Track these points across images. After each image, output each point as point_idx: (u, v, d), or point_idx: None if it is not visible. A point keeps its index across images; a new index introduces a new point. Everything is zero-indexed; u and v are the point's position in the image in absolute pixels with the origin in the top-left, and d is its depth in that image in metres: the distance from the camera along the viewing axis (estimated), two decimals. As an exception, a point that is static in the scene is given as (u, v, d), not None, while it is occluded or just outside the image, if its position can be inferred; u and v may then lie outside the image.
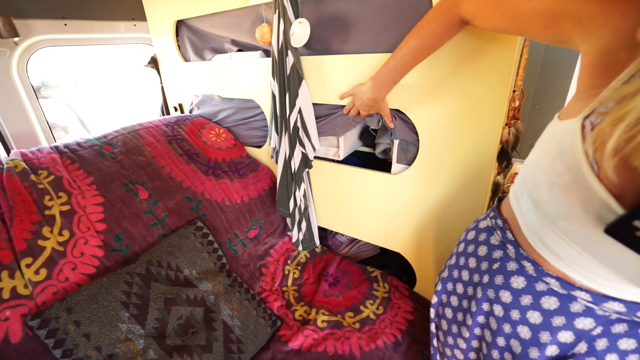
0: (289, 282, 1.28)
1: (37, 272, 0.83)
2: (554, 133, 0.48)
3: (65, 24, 1.43)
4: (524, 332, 0.55)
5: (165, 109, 1.81)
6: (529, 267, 0.54)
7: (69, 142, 1.16)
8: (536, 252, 0.53)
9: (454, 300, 0.70)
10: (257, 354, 1.03)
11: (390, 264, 1.49)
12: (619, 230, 0.38)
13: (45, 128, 1.48)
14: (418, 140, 0.98)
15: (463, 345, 0.68)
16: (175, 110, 1.71)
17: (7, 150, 1.37)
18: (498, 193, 1.01)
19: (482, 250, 0.64)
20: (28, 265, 0.83)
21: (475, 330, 0.64)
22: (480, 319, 0.63)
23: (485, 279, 0.61)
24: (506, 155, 0.93)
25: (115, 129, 1.27)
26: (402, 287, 1.25)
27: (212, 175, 1.26)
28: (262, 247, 1.30)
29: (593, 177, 0.40)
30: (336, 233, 1.55)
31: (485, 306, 0.61)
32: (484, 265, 0.62)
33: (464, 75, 0.83)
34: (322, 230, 1.51)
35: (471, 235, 0.69)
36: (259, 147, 1.44)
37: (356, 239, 1.53)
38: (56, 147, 1.11)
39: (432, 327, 0.79)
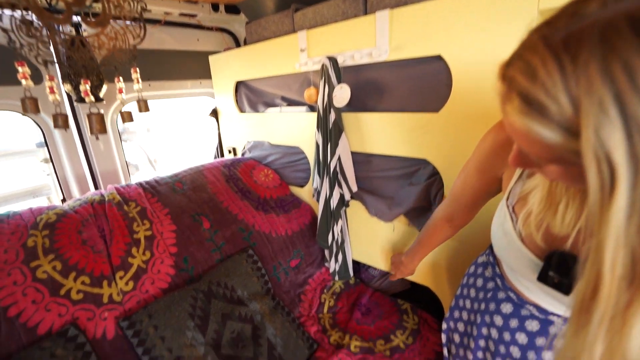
0: (325, 310, 1.41)
1: (127, 284, 1.04)
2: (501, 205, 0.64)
3: (150, 84, 1.78)
4: (515, 352, 0.64)
5: (220, 151, 2.10)
6: (513, 296, 0.65)
7: (149, 179, 1.42)
8: (514, 285, 0.65)
9: (461, 327, 0.81)
10: (295, 372, 1.14)
11: (420, 300, 1.56)
12: (543, 278, 0.54)
13: (124, 167, 1.78)
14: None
15: None
16: (229, 152, 1.98)
17: (95, 185, 1.67)
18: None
19: (479, 282, 0.76)
20: (121, 277, 1.04)
21: (478, 353, 0.74)
22: (482, 342, 0.72)
23: (482, 306, 0.72)
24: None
25: (184, 169, 1.53)
26: (431, 320, 1.33)
27: (261, 210, 1.46)
28: (301, 275, 1.45)
29: (519, 242, 0.57)
30: (369, 267, 1.67)
31: (484, 330, 0.71)
32: (481, 295, 0.74)
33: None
34: (355, 263, 1.63)
35: (472, 269, 0.81)
36: (302, 186, 1.64)
37: (387, 273, 1.63)
38: (140, 184, 1.36)
39: (445, 351, 0.88)
